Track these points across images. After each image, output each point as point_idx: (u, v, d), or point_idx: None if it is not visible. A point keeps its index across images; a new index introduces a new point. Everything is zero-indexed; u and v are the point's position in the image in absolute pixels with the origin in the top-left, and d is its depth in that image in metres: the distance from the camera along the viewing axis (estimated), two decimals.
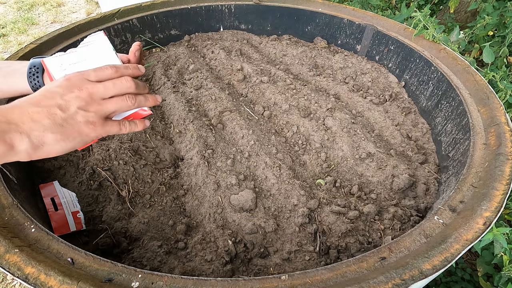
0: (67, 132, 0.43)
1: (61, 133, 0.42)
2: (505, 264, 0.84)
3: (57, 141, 0.42)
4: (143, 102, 0.49)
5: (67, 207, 0.77)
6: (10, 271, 0.51)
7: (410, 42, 1.14)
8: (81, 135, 0.44)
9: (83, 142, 0.45)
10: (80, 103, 0.44)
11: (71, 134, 0.43)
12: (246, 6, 1.41)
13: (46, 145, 0.42)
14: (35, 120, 0.41)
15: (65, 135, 0.42)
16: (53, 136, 0.42)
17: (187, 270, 0.68)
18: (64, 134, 0.42)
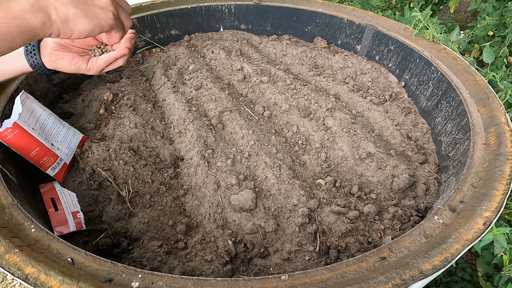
0: (86, 10, 0.49)
1: (81, 10, 0.48)
2: (505, 264, 0.84)
3: (78, 17, 0.48)
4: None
5: (67, 207, 0.77)
6: (10, 271, 0.51)
7: (410, 42, 1.14)
8: (97, 17, 0.50)
9: (99, 26, 0.51)
10: None
11: (90, 13, 0.49)
12: (246, 6, 1.41)
13: (70, 20, 0.47)
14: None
15: (85, 12, 0.49)
16: (74, 11, 0.47)
17: (187, 270, 0.68)
18: (84, 11, 0.48)
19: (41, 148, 0.80)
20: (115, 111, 1.05)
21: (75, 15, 0.47)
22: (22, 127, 0.77)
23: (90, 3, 0.49)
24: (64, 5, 0.46)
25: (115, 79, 1.21)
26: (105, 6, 0.51)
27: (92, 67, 0.77)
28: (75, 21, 0.48)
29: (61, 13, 0.46)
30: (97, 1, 0.50)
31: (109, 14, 0.52)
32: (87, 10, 0.49)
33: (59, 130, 0.88)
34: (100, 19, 0.51)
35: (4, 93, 0.89)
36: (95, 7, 0.50)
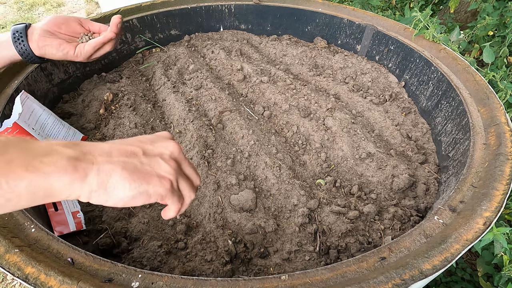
0: (136, 174, 0.38)
1: (129, 173, 0.37)
2: (505, 264, 0.84)
3: (122, 182, 0.37)
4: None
5: (67, 207, 0.77)
6: (10, 271, 0.51)
7: (410, 42, 1.14)
8: (148, 184, 0.39)
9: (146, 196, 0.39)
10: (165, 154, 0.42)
11: (139, 177, 0.38)
12: (246, 6, 1.41)
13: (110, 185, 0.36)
14: (112, 155, 0.38)
15: (132, 176, 0.38)
16: (120, 175, 0.37)
17: (187, 270, 0.68)
18: (132, 175, 0.38)
19: None
20: (115, 111, 1.05)
21: (120, 179, 0.37)
22: (22, 127, 0.77)
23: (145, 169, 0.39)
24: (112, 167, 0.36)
25: (115, 79, 1.21)
26: (163, 174, 0.40)
27: (80, 53, 0.78)
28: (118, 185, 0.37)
29: (103, 175, 0.36)
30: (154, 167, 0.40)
31: (164, 183, 0.40)
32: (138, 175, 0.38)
33: (59, 130, 0.88)
34: (150, 187, 0.39)
35: (4, 93, 0.89)
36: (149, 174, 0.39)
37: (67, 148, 0.35)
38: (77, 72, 1.16)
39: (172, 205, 0.43)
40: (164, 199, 0.41)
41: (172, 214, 0.44)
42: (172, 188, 0.41)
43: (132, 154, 0.39)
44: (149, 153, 0.41)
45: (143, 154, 0.40)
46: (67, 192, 0.34)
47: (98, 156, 0.36)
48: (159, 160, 0.41)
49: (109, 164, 0.36)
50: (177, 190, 0.43)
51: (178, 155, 0.44)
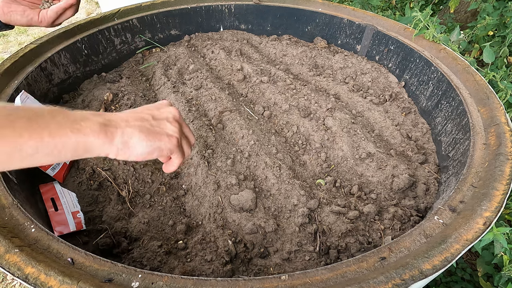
0: (150, 135, 0.48)
1: (146, 134, 0.48)
2: (505, 264, 0.84)
3: (140, 141, 0.47)
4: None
5: (67, 207, 0.77)
6: (10, 271, 0.51)
7: (410, 42, 1.14)
8: (160, 141, 0.49)
9: (159, 150, 0.49)
10: (170, 118, 0.52)
11: (153, 137, 0.48)
12: (246, 6, 1.41)
13: (131, 143, 0.46)
14: (129, 121, 0.48)
15: (148, 136, 0.48)
16: (138, 136, 0.47)
17: (187, 270, 0.68)
18: (148, 135, 0.48)
19: None
20: (115, 111, 1.05)
21: (138, 139, 0.47)
22: None
23: (155, 130, 0.49)
24: (131, 129, 0.46)
25: (115, 79, 1.21)
26: (171, 133, 0.50)
27: (44, 19, 0.83)
28: (137, 144, 0.47)
29: (127, 137, 0.46)
30: (163, 128, 0.50)
31: (173, 140, 0.50)
32: (152, 135, 0.48)
33: None
34: (162, 144, 0.49)
35: (4, 93, 0.89)
36: (160, 133, 0.49)
37: (96, 116, 0.45)
38: (77, 72, 1.16)
39: (176, 159, 0.53)
40: (172, 153, 0.51)
41: (174, 167, 0.55)
42: (178, 144, 0.51)
43: (144, 119, 0.49)
44: (157, 118, 0.51)
45: (153, 118, 0.50)
46: (100, 150, 0.44)
47: (120, 122, 0.46)
48: (165, 123, 0.51)
49: (129, 128, 0.46)
50: (181, 146, 0.53)
51: (179, 118, 0.54)
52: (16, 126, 0.38)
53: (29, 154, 0.39)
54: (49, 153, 0.40)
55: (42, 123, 0.39)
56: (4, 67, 0.93)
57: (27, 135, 0.38)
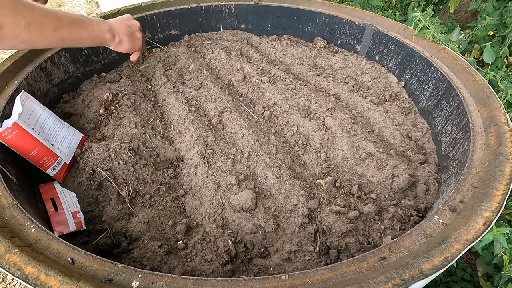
0: (131, 39, 0.90)
1: (129, 38, 0.89)
2: (505, 264, 0.84)
3: (126, 41, 0.88)
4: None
5: (67, 207, 0.77)
6: (10, 271, 0.51)
7: (410, 42, 1.14)
8: (135, 43, 0.92)
9: (133, 48, 0.93)
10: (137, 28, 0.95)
11: (132, 40, 0.91)
12: (246, 6, 1.41)
13: (123, 42, 0.87)
14: (120, 27, 0.86)
15: (130, 39, 0.90)
16: (126, 38, 0.88)
17: (187, 270, 0.68)
18: (130, 39, 0.90)
19: (41, 148, 0.80)
20: (115, 111, 1.05)
21: (126, 41, 0.88)
22: (22, 127, 0.77)
23: (134, 36, 0.91)
24: (122, 34, 0.86)
25: (115, 79, 1.21)
26: (139, 38, 0.95)
27: None
28: (125, 43, 0.88)
29: (120, 37, 0.86)
30: (136, 35, 0.93)
31: (140, 42, 0.95)
32: (132, 39, 0.90)
33: (59, 130, 0.88)
34: (135, 44, 0.93)
35: (4, 93, 0.89)
36: (135, 38, 0.92)
37: (105, 23, 0.81)
38: (77, 72, 1.16)
39: (137, 54, 1.00)
40: (137, 49, 0.96)
41: (136, 58, 1.01)
42: (141, 44, 0.97)
43: (127, 26, 0.89)
44: (131, 27, 0.91)
45: (129, 27, 0.90)
46: (109, 42, 0.84)
47: (116, 28, 0.85)
48: (136, 32, 0.93)
49: (122, 33, 0.86)
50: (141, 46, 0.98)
51: (140, 28, 0.96)
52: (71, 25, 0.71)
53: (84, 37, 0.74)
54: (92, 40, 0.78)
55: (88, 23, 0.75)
56: (4, 67, 0.93)
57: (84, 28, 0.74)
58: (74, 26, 0.69)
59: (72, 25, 0.69)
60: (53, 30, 0.64)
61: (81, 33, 0.72)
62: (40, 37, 0.62)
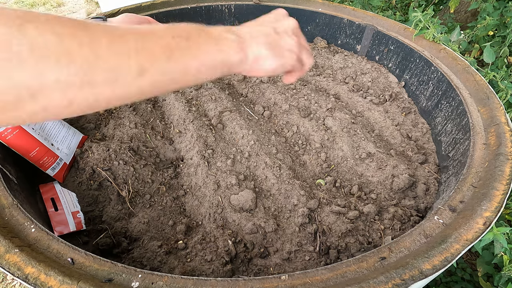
0: (275, 51, 0.49)
1: (271, 50, 0.49)
2: (505, 264, 0.84)
3: (268, 57, 0.49)
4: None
5: (67, 207, 0.77)
6: (10, 271, 0.51)
7: (410, 42, 1.14)
8: (283, 58, 0.51)
9: (282, 67, 0.51)
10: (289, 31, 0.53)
11: (277, 53, 0.50)
12: (246, 6, 1.41)
13: (261, 59, 0.48)
14: (255, 36, 0.48)
15: (274, 52, 0.49)
16: (266, 52, 0.48)
17: (187, 270, 0.68)
18: (273, 52, 0.49)
19: (41, 148, 0.80)
20: (115, 111, 1.05)
21: (266, 55, 0.48)
22: (22, 127, 0.77)
23: (279, 44, 0.50)
24: (258, 46, 0.48)
25: None
26: (291, 48, 0.52)
27: None
28: (265, 60, 0.49)
29: (256, 53, 0.48)
30: (284, 43, 0.51)
31: (293, 56, 0.52)
32: (276, 51, 0.50)
33: (59, 130, 0.88)
34: (285, 60, 0.51)
35: None
36: (282, 49, 0.51)
37: (228, 33, 0.45)
38: None
39: (297, 72, 0.56)
40: (293, 67, 0.53)
41: (295, 79, 0.58)
42: (298, 58, 0.53)
43: (268, 34, 0.50)
44: (278, 31, 0.51)
45: (274, 32, 0.51)
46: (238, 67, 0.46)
47: (248, 38, 0.47)
48: (286, 37, 0.52)
49: (256, 44, 0.47)
50: (301, 59, 0.54)
51: (297, 30, 0.55)
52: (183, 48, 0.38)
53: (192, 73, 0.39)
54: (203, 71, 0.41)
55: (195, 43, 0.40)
56: None
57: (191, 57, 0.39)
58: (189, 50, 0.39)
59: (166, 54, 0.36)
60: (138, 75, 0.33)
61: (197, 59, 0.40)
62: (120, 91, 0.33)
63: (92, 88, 0.30)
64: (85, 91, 0.30)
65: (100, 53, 0.30)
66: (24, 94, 0.27)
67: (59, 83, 0.28)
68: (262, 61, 0.48)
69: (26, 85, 0.27)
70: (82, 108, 0.31)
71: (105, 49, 0.30)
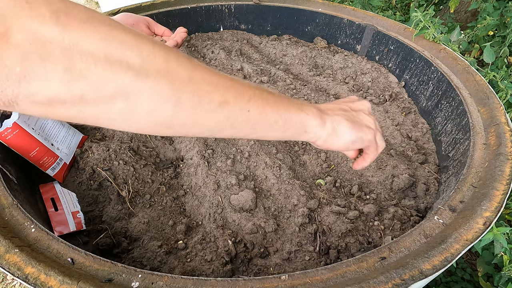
0: (353, 123, 0.50)
1: (350, 123, 0.49)
2: (505, 264, 0.84)
3: (346, 129, 0.49)
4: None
5: (67, 207, 0.77)
6: (10, 271, 0.51)
7: (410, 42, 1.14)
8: (362, 131, 0.51)
9: (361, 141, 0.51)
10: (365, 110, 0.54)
11: (356, 126, 0.50)
12: (246, 6, 1.41)
13: (339, 131, 0.49)
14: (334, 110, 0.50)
15: (353, 125, 0.50)
16: (345, 124, 0.49)
17: (187, 270, 0.68)
18: (352, 124, 0.50)
19: (41, 148, 0.80)
20: None
21: (346, 126, 0.49)
22: (22, 127, 0.77)
23: (358, 120, 0.51)
24: (338, 117, 0.49)
25: None
26: (369, 125, 0.52)
27: None
28: (344, 131, 0.49)
29: (335, 123, 0.48)
30: (362, 119, 0.52)
31: (371, 132, 0.52)
32: (356, 125, 0.50)
33: (59, 130, 0.88)
34: (363, 134, 0.51)
35: None
36: (361, 124, 0.51)
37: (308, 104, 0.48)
38: None
39: (372, 153, 0.55)
40: (370, 144, 0.53)
41: (368, 162, 0.56)
42: (375, 136, 0.53)
43: (345, 110, 0.52)
44: (355, 109, 0.53)
45: (351, 109, 0.52)
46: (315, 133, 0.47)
47: (327, 110, 0.49)
48: (363, 114, 0.53)
49: (337, 116, 0.49)
50: (376, 139, 0.54)
51: (371, 111, 0.56)
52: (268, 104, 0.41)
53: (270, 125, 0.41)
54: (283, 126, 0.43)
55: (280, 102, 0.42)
56: None
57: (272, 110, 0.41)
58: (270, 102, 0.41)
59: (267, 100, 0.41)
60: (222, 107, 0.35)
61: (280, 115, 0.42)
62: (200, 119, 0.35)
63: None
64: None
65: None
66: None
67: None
68: (341, 131, 0.49)
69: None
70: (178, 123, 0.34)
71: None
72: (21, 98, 0.25)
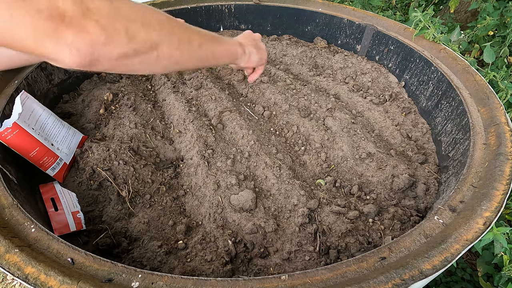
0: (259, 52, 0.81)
1: (257, 51, 0.80)
2: (505, 264, 0.84)
3: (255, 54, 0.79)
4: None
5: (67, 207, 0.77)
6: (10, 271, 0.51)
7: (410, 42, 1.14)
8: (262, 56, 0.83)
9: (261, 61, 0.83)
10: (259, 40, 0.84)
11: (260, 53, 0.81)
12: (246, 6, 1.41)
13: (252, 55, 0.78)
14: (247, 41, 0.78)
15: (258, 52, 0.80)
16: (255, 51, 0.79)
17: (187, 270, 0.68)
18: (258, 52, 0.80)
19: (41, 148, 0.80)
20: (115, 111, 1.05)
21: (254, 53, 0.79)
22: (22, 127, 0.77)
23: (260, 47, 0.82)
24: (251, 47, 0.78)
25: (115, 79, 1.21)
26: (264, 48, 0.85)
27: None
28: (254, 56, 0.79)
29: (250, 50, 0.78)
30: (262, 48, 0.84)
31: (265, 55, 0.85)
32: (259, 51, 0.81)
33: (59, 130, 0.88)
34: (262, 57, 0.83)
35: (4, 93, 0.89)
36: (261, 50, 0.83)
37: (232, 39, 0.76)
38: (77, 72, 1.16)
39: (262, 68, 0.89)
40: (263, 63, 0.86)
41: (257, 75, 0.89)
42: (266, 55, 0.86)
43: (252, 40, 0.81)
44: (255, 39, 0.82)
45: (253, 40, 0.81)
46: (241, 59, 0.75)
47: (244, 43, 0.77)
48: (259, 43, 0.83)
49: (250, 46, 0.78)
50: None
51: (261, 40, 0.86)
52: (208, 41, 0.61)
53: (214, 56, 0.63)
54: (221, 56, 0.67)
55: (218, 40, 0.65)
56: None
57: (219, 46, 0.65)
58: (214, 42, 0.63)
59: (213, 41, 0.63)
60: (199, 47, 0.57)
61: (219, 49, 0.65)
62: (188, 56, 0.56)
63: (180, 50, 0.53)
64: (177, 51, 0.52)
65: (184, 31, 0.54)
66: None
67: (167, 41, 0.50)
68: (253, 56, 0.79)
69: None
70: (176, 62, 0.54)
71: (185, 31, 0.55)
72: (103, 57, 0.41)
